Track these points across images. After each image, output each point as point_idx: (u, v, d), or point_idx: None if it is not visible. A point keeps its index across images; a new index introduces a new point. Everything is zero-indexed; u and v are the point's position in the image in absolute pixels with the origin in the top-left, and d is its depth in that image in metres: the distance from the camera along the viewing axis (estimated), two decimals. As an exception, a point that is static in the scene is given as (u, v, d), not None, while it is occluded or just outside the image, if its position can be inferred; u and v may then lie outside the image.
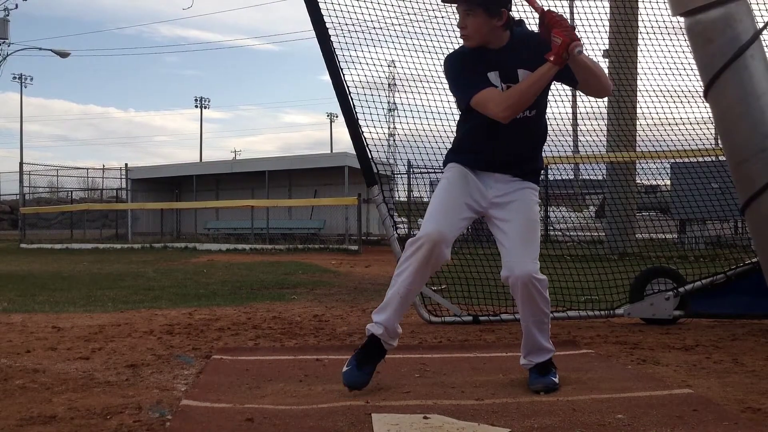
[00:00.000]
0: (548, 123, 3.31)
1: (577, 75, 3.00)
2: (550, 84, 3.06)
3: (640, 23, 6.01)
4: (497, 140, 3.11)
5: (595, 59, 3.08)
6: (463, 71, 3.07)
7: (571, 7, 7.28)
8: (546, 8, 2.96)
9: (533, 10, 3.02)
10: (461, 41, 3.13)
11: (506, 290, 3.46)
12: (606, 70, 6.08)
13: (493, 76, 3.04)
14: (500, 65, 3.04)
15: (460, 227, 3.15)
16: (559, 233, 12.74)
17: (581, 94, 3.35)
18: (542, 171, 3.38)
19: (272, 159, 24.94)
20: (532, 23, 3.19)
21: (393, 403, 2.93)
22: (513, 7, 3.09)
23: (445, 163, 3.28)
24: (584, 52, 2.91)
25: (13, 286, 8.28)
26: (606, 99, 6.75)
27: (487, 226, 3.28)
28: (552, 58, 2.87)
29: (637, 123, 6.88)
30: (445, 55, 3.22)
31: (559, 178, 16.44)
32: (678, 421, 2.64)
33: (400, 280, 3.11)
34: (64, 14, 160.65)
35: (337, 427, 2.63)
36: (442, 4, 3.17)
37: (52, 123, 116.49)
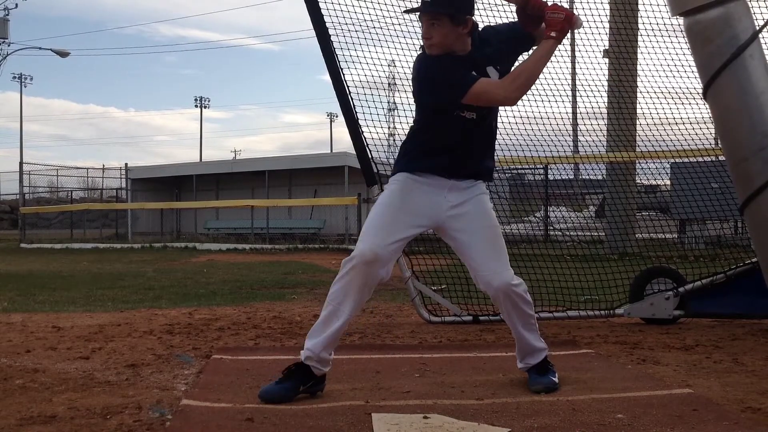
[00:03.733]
0: (548, 123, 3.31)
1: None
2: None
3: (640, 23, 6.00)
4: (462, 142, 3.06)
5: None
6: (449, 68, 2.98)
7: (571, 8, 7.29)
8: None
9: (506, 2, 3.03)
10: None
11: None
12: (606, 70, 6.06)
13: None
14: (474, 66, 3.02)
15: (398, 247, 3.05)
16: (559, 233, 12.73)
17: (581, 94, 3.36)
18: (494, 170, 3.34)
19: (272, 159, 24.94)
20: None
21: (393, 403, 2.94)
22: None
23: (394, 171, 3.15)
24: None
25: (13, 286, 8.27)
26: (606, 98, 6.75)
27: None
28: (554, 34, 2.91)
29: (637, 123, 6.88)
30: (416, 59, 3.09)
31: (559, 178, 16.48)
32: (678, 421, 2.64)
33: (334, 303, 3.04)
34: (64, 14, 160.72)
35: (337, 427, 2.63)
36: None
37: (52, 123, 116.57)
